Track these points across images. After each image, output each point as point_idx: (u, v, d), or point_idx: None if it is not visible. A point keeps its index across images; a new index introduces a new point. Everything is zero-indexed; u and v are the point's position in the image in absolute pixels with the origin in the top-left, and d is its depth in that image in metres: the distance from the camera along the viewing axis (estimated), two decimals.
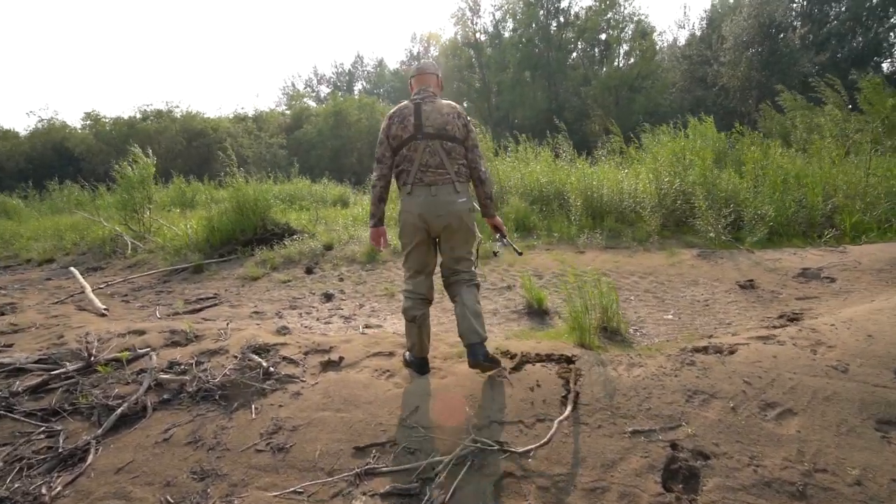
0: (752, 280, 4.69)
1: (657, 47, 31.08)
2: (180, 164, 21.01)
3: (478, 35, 33.30)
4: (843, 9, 29.58)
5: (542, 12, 29.65)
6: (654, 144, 8.75)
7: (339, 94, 34.26)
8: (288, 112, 29.51)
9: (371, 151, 27.57)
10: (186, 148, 23.55)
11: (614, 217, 7.25)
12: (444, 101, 2.72)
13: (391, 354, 3.17)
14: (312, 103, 34.76)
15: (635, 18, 29.82)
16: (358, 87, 44.74)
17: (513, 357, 2.96)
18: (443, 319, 4.46)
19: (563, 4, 29.91)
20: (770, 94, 22.30)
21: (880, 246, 5.16)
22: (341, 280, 6.00)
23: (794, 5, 29.28)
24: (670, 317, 4.22)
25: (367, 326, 4.35)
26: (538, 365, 2.84)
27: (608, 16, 29.97)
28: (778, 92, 16.31)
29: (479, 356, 2.61)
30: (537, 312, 4.49)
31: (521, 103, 29.77)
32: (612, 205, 7.53)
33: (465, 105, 37.29)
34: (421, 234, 2.69)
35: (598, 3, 29.16)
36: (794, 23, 29.61)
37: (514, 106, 30.23)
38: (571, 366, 2.79)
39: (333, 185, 14.79)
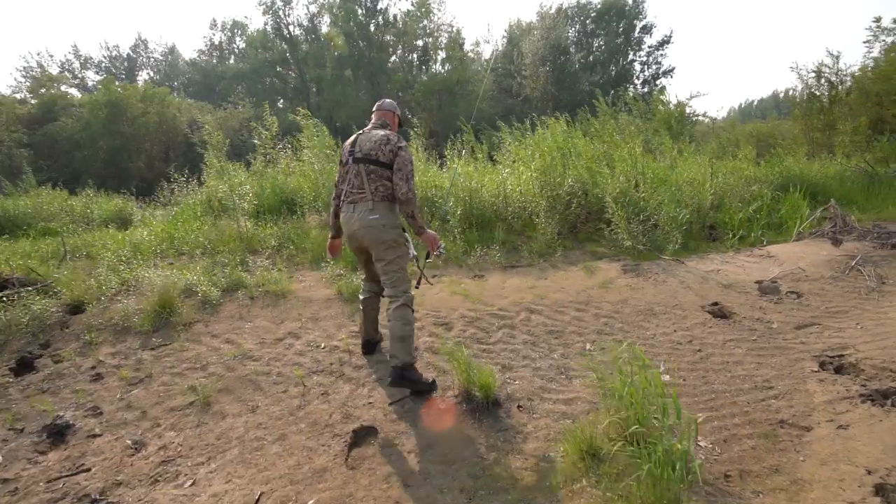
0: (717, 303, 3.57)
1: (472, 57, 31.97)
2: None
3: (291, 28, 29.53)
4: (602, 43, 34.69)
5: (360, 11, 27.61)
6: (516, 145, 7.59)
7: (117, 82, 26.57)
8: (32, 101, 21.40)
9: (166, 152, 21.84)
10: None
11: (504, 227, 5.74)
12: (381, 132, 2.85)
13: None
14: (75, 91, 26.28)
15: (449, 29, 30.15)
16: (143, 76, 35.92)
17: None
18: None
19: (382, 5, 28.39)
20: (562, 106, 24.92)
21: (786, 247, 4.66)
22: (96, 379, 3.08)
23: (571, 33, 33.23)
24: (668, 378, 2.76)
25: None
26: None
27: (424, 23, 29.63)
28: (566, 104, 17.66)
29: (395, 379, 2.70)
30: (482, 407, 2.56)
31: (344, 103, 27.27)
32: (497, 212, 6.03)
33: (280, 104, 33.02)
34: (353, 246, 2.94)
35: (415, 9, 28.44)
36: (571, 48, 33.58)
37: (337, 105, 27.56)
38: None
39: (109, 197, 10.22)
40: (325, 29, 29.13)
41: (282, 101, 32.00)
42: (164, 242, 5.90)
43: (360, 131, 2.95)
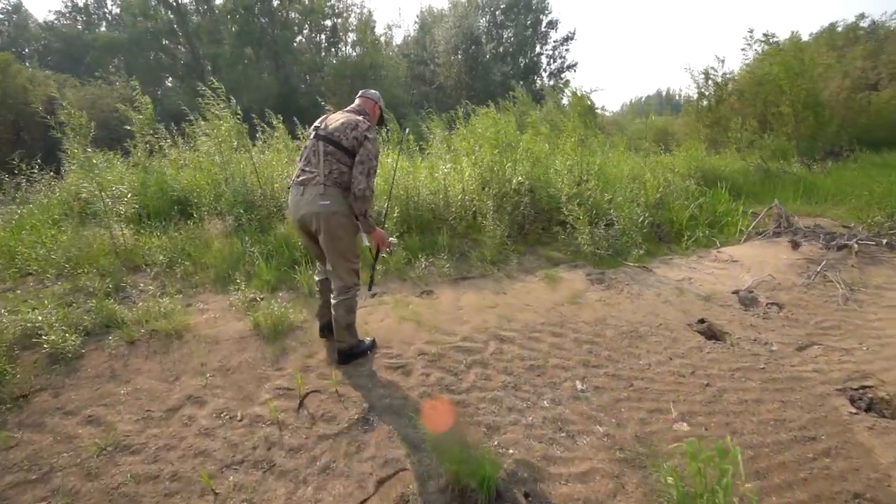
0: (704, 321, 3.21)
1: (384, 41, 30.47)
2: None
3: None
4: (511, 35, 35.01)
5: None
6: (453, 135, 6.87)
7: None
8: None
9: (16, 134, 17.68)
10: None
11: (447, 230, 5.01)
12: (353, 116, 2.68)
13: None
14: None
15: (359, 11, 28.31)
16: None
17: None
18: None
19: None
20: (476, 95, 24.77)
21: (742, 250, 4.52)
22: None
23: (483, 22, 33.09)
24: (687, 428, 2.28)
25: None
26: None
27: (332, 2, 27.48)
28: (480, 93, 17.39)
29: (342, 360, 2.88)
30: None
31: (245, 84, 24.29)
32: (437, 213, 5.28)
33: (170, 82, 28.61)
34: (300, 229, 2.77)
35: None
36: (482, 38, 33.46)
37: (238, 87, 24.47)
38: None
39: None
40: (219, 0, 25.67)
41: (171, 79, 27.77)
42: None
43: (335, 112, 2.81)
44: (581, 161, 5.74)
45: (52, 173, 6.42)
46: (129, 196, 4.92)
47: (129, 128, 6.23)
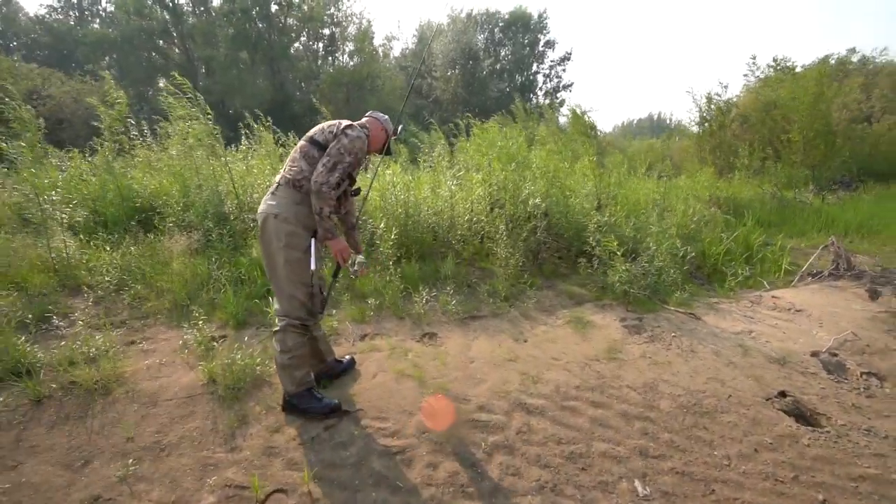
0: (786, 394, 2.50)
1: (381, 52, 30.06)
2: None
3: None
4: (509, 52, 34.85)
5: None
6: (459, 150, 6.20)
7: None
8: None
9: None
10: None
11: (452, 256, 4.27)
12: (347, 123, 2.27)
13: None
14: None
15: (358, 21, 27.86)
16: None
17: None
18: None
19: None
20: (472, 110, 24.35)
21: (801, 295, 3.83)
22: None
23: (481, 39, 32.88)
24: None
25: None
26: None
27: (331, 11, 26.98)
28: (476, 108, 16.83)
29: (285, 408, 2.33)
30: None
31: (238, 89, 23.56)
32: (441, 235, 4.55)
33: (162, 83, 27.61)
34: None
35: None
36: (480, 53, 33.22)
37: (231, 91, 23.75)
38: None
39: None
40: (216, 2, 24.98)
41: (163, 80, 26.82)
42: None
43: None
44: (600, 183, 5.08)
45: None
46: (75, 203, 4.10)
47: (96, 124, 5.44)
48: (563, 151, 6.03)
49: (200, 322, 3.01)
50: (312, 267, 2.16)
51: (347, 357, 2.80)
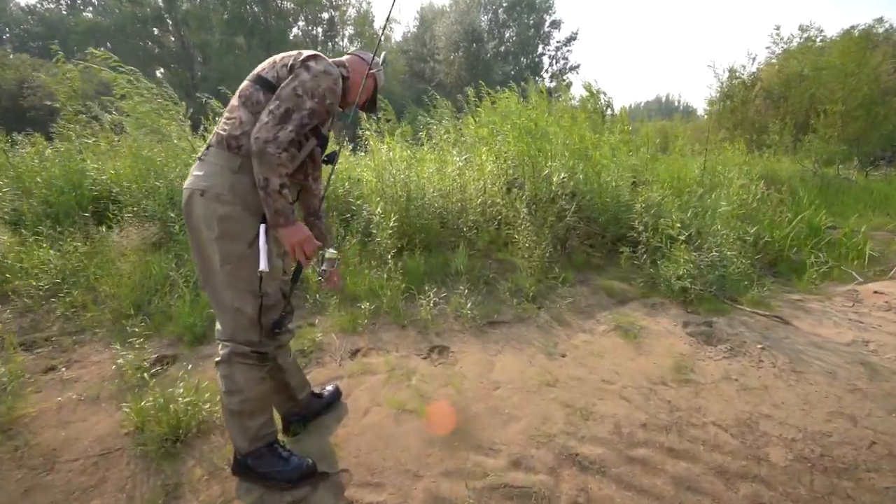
0: None
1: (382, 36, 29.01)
2: None
3: None
4: (513, 34, 33.56)
5: None
6: (468, 120, 5.39)
7: None
8: None
9: None
10: None
11: (464, 246, 3.51)
12: (308, 51, 1.52)
13: None
14: None
15: (357, 4, 26.81)
16: None
17: None
18: None
19: None
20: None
21: (890, 285, 3.06)
22: None
23: (485, 20, 31.63)
24: None
25: None
26: None
27: None
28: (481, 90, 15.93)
29: (234, 470, 1.60)
30: None
31: (235, 75, 22.66)
32: (450, 222, 3.79)
33: (160, 72, 26.70)
34: None
35: None
36: (484, 35, 31.98)
37: (227, 77, 22.87)
38: None
39: None
40: None
41: (161, 70, 25.95)
42: None
43: None
44: (635, 157, 4.28)
45: None
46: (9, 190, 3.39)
47: (50, 103, 4.72)
48: (587, 123, 5.20)
49: (140, 339, 2.29)
50: (262, 267, 1.41)
51: (330, 387, 2.07)
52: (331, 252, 1.64)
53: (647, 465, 1.71)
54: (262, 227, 1.45)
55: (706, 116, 15.21)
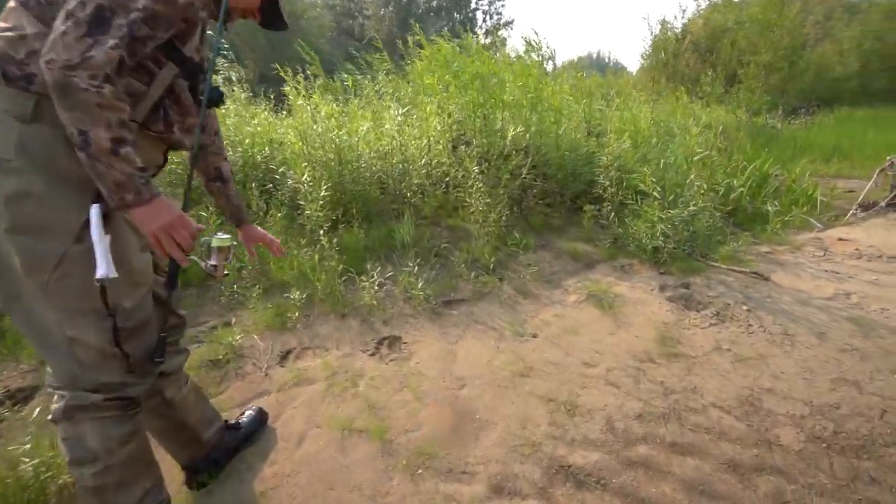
0: None
1: None
2: None
3: None
4: None
5: None
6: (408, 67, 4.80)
7: None
8: None
9: None
10: None
11: (410, 214, 3.03)
12: None
13: None
14: None
15: None
16: None
17: None
18: None
19: None
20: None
21: (876, 235, 2.99)
22: None
23: None
24: None
25: None
26: None
27: None
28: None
29: None
30: None
31: None
32: (392, 186, 3.27)
33: None
34: None
35: None
36: None
37: None
38: None
39: None
40: None
41: None
42: None
43: None
44: (589, 108, 3.94)
45: None
46: None
47: None
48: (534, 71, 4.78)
49: None
50: (99, 272, 0.86)
51: (251, 411, 1.58)
52: (219, 237, 1.11)
53: (651, 467, 1.41)
54: (95, 209, 0.89)
55: (639, 71, 15.36)
